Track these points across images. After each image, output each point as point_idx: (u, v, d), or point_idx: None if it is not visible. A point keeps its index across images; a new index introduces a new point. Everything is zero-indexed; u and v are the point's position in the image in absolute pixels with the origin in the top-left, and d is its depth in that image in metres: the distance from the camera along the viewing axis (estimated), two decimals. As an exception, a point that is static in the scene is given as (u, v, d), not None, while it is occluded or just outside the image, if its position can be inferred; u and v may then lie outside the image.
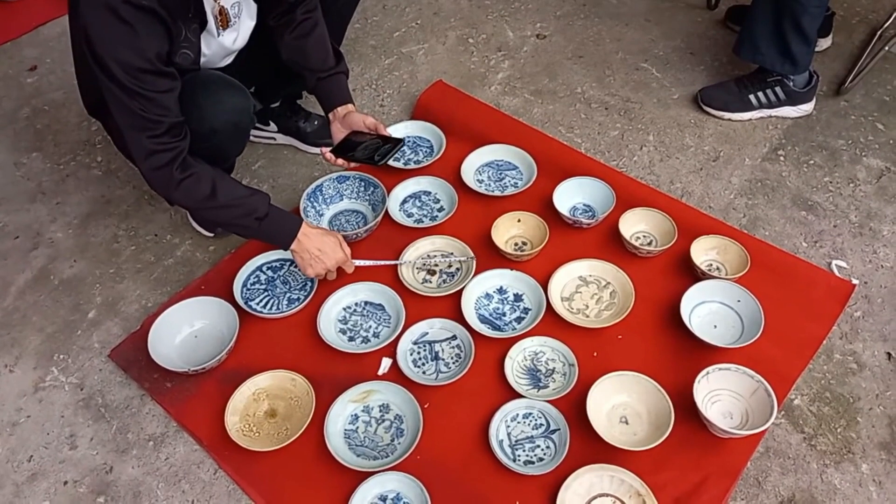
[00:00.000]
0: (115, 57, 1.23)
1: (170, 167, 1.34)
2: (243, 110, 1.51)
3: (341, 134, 1.64)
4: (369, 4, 2.45)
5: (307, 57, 1.59)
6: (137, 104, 1.28)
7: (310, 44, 1.59)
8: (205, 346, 1.50)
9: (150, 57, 1.26)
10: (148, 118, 1.29)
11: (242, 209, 1.41)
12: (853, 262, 1.64)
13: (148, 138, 1.31)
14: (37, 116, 2.10)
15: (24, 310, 1.63)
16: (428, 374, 1.45)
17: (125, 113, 1.30)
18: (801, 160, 1.88)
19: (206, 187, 1.37)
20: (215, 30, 1.44)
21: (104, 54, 1.24)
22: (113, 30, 1.22)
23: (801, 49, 1.85)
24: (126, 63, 1.24)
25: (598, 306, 1.55)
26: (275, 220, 1.45)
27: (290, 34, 1.57)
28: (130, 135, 1.33)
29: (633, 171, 1.87)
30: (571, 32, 2.33)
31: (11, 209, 1.85)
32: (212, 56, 1.50)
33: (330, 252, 1.50)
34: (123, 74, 1.25)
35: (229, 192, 1.41)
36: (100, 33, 1.23)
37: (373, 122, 1.60)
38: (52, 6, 2.44)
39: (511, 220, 1.70)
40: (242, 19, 1.51)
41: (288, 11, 1.56)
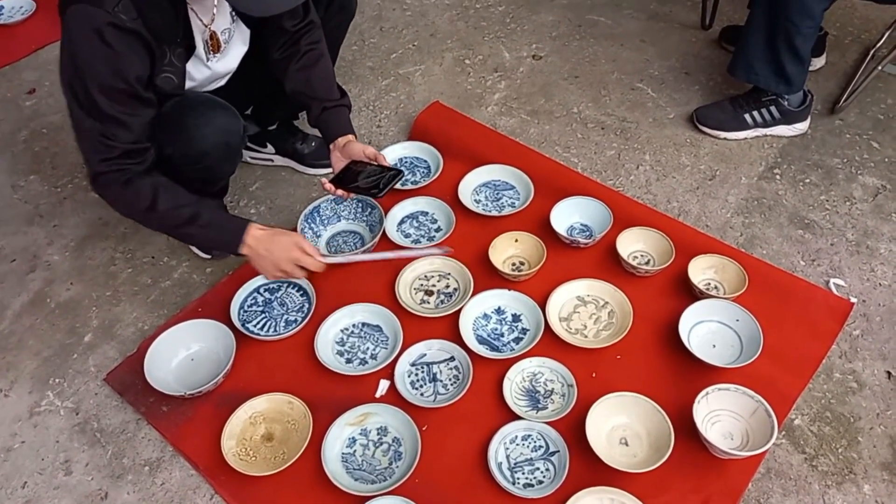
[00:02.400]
0: (94, 77, 1.24)
1: (115, 185, 1.34)
2: (233, 131, 1.50)
3: (341, 163, 1.64)
4: (367, 27, 2.47)
5: (312, 87, 1.60)
6: (99, 125, 1.28)
7: (315, 74, 1.60)
8: (201, 368, 1.49)
9: (128, 79, 1.27)
10: (105, 141, 1.30)
11: (182, 217, 1.39)
12: (851, 280, 1.64)
13: (101, 161, 1.32)
14: (35, 139, 2.11)
15: (21, 333, 1.63)
16: (426, 396, 1.44)
17: (84, 131, 1.31)
18: (797, 179, 1.89)
19: (147, 198, 1.36)
20: (204, 55, 1.45)
21: (83, 73, 1.25)
22: (95, 51, 1.23)
23: (795, 69, 1.87)
24: (103, 84, 1.25)
25: (597, 326, 1.55)
26: (218, 225, 1.43)
27: (294, 65, 1.58)
28: (84, 147, 1.34)
29: (630, 190, 1.88)
30: (567, 53, 2.35)
31: (8, 232, 1.85)
32: (201, 80, 1.51)
33: (280, 252, 1.43)
34: (98, 94, 1.25)
35: (169, 201, 1.38)
36: (82, 53, 1.24)
37: (373, 152, 1.60)
38: (51, 30, 2.46)
39: (508, 240, 1.70)
40: (233, 43, 1.52)
41: (293, 43, 1.58)
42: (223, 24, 1.47)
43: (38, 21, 2.53)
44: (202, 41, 1.43)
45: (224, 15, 1.47)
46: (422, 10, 2.56)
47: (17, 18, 2.53)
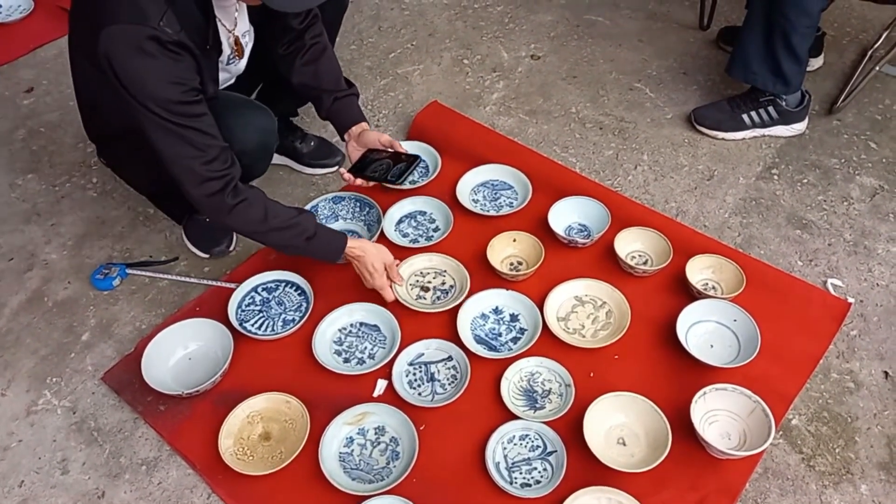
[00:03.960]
0: (151, 94, 1.24)
1: (222, 194, 1.34)
2: (270, 130, 1.55)
3: (357, 153, 1.66)
4: (365, 26, 2.47)
5: (320, 79, 1.61)
6: (186, 134, 1.29)
7: (322, 66, 1.61)
8: (199, 368, 1.49)
9: (184, 88, 1.27)
10: (196, 147, 1.30)
11: (294, 231, 1.43)
12: (848, 280, 1.64)
13: (201, 165, 1.32)
14: (32, 138, 2.10)
15: (18, 332, 1.62)
16: (424, 396, 1.44)
17: (173, 145, 1.30)
18: (795, 179, 1.89)
19: (259, 212, 1.39)
20: (226, 59, 1.47)
21: (140, 93, 1.24)
22: (143, 67, 1.22)
23: (793, 69, 1.87)
24: (163, 98, 1.25)
25: (595, 326, 1.55)
26: (322, 238, 1.48)
27: (300, 59, 1.59)
28: (181, 165, 1.32)
29: (628, 190, 1.88)
30: (565, 53, 2.35)
31: (6, 230, 1.84)
32: (221, 83, 1.53)
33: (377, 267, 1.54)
34: (163, 110, 1.26)
35: (280, 215, 1.42)
36: (131, 73, 1.23)
37: (388, 140, 1.62)
38: (49, 28, 2.46)
39: (506, 240, 1.70)
40: (250, 47, 1.55)
41: (297, 38, 1.58)
42: (244, 28, 1.49)
43: (36, 19, 2.52)
44: (228, 46, 1.45)
45: (244, 19, 1.49)
46: (420, 9, 2.56)
47: (15, 17, 2.52)
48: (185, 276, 1.70)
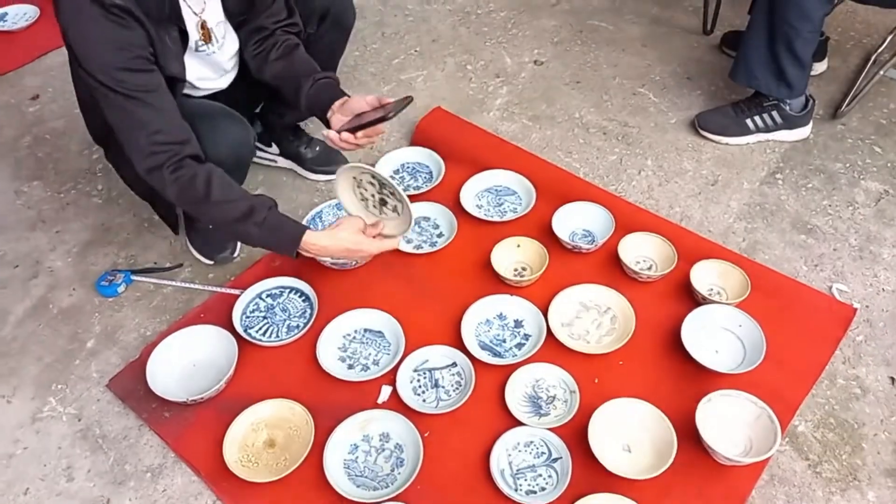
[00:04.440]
0: (95, 59, 1.26)
1: (161, 169, 1.33)
2: (245, 143, 1.52)
3: (344, 120, 1.50)
4: (368, 32, 2.48)
5: (295, 69, 1.55)
6: (129, 106, 1.29)
7: (295, 57, 1.57)
8: (203, 374, 1.49)
9: (129, 55, 1.27)
10: (141, 119, 1.30)
11: (238, 211, 1.37)
12: (854, 285, 1.64)
13: (145, 138, 1.31)
14: (38, 145, 2.11)
15: (23, 339, 1.63)
16: (428, 403, 1.44)
17: (120, 117, 1.31)
18: (800, 184, 1.88)
19: (201, 190, 1.35)
20: (195, 44, 1.45)
21: (85, 59, 1.26)
22: (90, 33, 1.24)
23: (797, 73, 1.87)
24: (107, 63, 1.26)
25: (599, 332, 1.54)
26: (275, 226, 1.40)
27: (273, 55, 1.56)
28: (126, 136, 1.33)
29: (632, 195, 1.88)
30: (569, 58, 2.35)
31: (11, 238, 1.85)
32: (208, 73, 1.52)
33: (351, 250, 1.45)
34: (108, 77, 1.26)
35: (229, 197, 1.37)
36: (78, 40, 1.26)
37: (374, 98, 1.49)
38: (54, 36, 2.43)
39: (511, 246, 1.70)
40: (229, 39, 1.54)
41: (269, 37, 1.57)
42: (214, 18, 1.47)
43: (41, 27, 2.54)
44: (195, 29, 1.44)
45: (215, 8, 1.47)
46: (423, 15, 2.56)
47: (21, 25, 2.54)
48: (190, 283, 1.70)
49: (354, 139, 1.46)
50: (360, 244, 1.45)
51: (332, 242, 1.43)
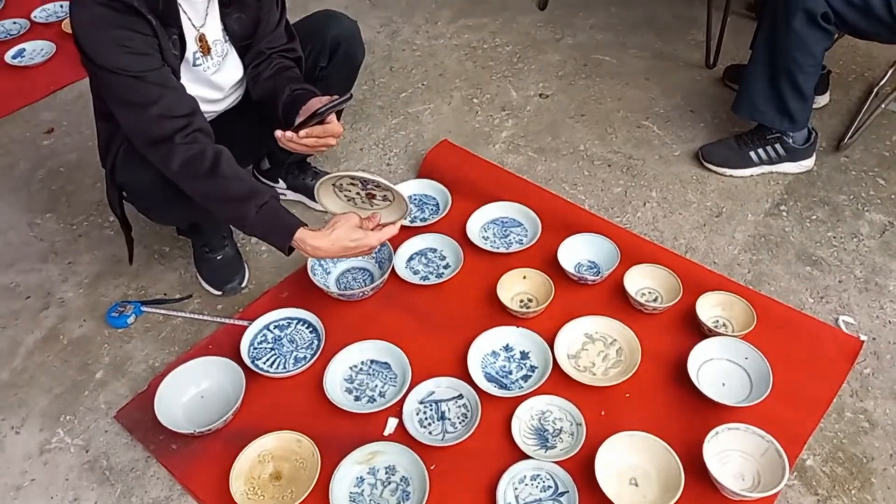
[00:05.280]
0: (103, 48, 1.31)
1: (173, 139, 1.35)
2: None
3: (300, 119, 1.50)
4: (377, 66, 2.53)
5: (279, 82, 1.56)
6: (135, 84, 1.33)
7: (284, 75, 1.58)
8: (211, 406, 1.50)
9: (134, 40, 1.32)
10: (146, 94, 1.34)
11: (242, 189, 1.37)
12: (860, 317, 1.63)
13: (152, 110, 1.34)
14: (51, 178, 2.15)
15: (33, 370, 1.64)
16: (434, 435, 1.44)
17: (124, 93, 1.35)
18: (804, 215, 1.89)
19: (208, 163, 1.36)
20: (192, 56, 1.48)
21: (94, 50, 1.31)
22: (96, 24, 1.30)
23: (799, 106, 1.89)
24: (112, 48, 1.31)
25: (605, 364, 1.54)
26: (273, 213, 1.38)
27: (263, 75, 1.60)
28: (131, 114, 1.37)
29: (637, 227, 1.89)
30: (573, 92, 2.38)
31: (24, 269, 1.88)
32: (205, 91, 1.54)
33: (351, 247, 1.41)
34: (112, 60, 1.32)
35: (233, 171, 1.38)
36: (86, 33, 1.31)
37: (328, 98, 1.47)
38: (70, 71, 2.53)
39: (517, 277, 1.71)
40: (229, 61, 1.57)
41: (265, 60, 1.61)
42: (214, 34, 1.51)
43: (57, 62, 2.60)
44: (193, 41, 1.47)
45: (215, 25, 1.51)
46: (431, 50, 2.61)
47: (37, 60, 2.60)
48: (199, 314, 1.72)
49: (297, 138, 1.46)
50: (358, 240, 1.41)
51: (329, 244, 1.39)
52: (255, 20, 1.55)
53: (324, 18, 1.71)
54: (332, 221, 1.42)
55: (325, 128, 1.46)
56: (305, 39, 1.66)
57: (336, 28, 1.69)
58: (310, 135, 1.46)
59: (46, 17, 2.83)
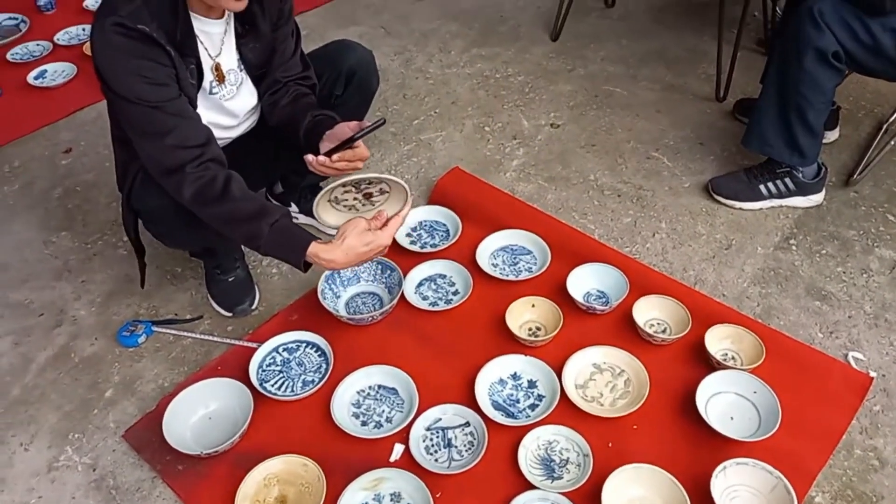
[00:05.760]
0: (122, 76, 1.34)
1: (185, 168, 1.38)
2: None
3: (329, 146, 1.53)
4: (390, 94, 2.56)
5: (298, 109, 1.60)
6: (152, 113, 1.36)
7: (302, 102, 1.62)
8: (219, 427, 1.50)
9: (153, 70, 1.35)
10: (163, 124, 1.37)
11: (254, 208, 1.40)
12: (870, 353, 1.63)
13: (167, 140, 1.37)
14: (68, 196, 2.18)
15: (44, 387, 1.65)
16: (440, 462, 1.44)
17: (140, 122, 1.38)
18: (814, 250, 1.90)
19: (219, 187, 1.39)
20: (209, 85, 1.52)
21: (113, 78, 1.35)
22: (116, 53, 1.33)
23: (809, 142, 1.90)
24: (132, 77, 1.34)
25: (613, 394, 1.54)
26: (286, 230, 1.41)
27: (284, 101, 1.63)
28: (147, 141, 1.40)
29: (646, 257, 1.90)
30: (584, 122, 2.41)
31: (38, 286, 1.90)
32: (219, 118, 1.58)
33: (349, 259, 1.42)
34: (131, 90, 1.35)
35: (243, 192, 1.42)
36: (106, 60, 1.34)
37: (356, 124, 1.52)
38: (89, 92, 2.58)
39: (525, 305, 1.72)
40: (244, 89, 1.60)
41: (281, 87, 1.64)
42: (229, 63, 1.55)
43: (78, 84, 2.65)
44: (209, 70, 1.51)
45: (230, 55, 1.54)
46: (444, 78, 2.65)
47: (58, 81, 2.65)
48: (209, 335, 1.73)
49: (330, 162, 1.49)
50: (371, 243, 1.41)
51: (342, 254, 1.40)
52: (269, 50, 1.59)
53: (340, 48, 1.74)
54: (341, 231, 1.43)
55: (355, 152, 1.50)
56: (322, 68, 1.70)
57: (352, 58, 1.72)
58: (341, 158, 1.50)
59: (69, 40, 2.89)
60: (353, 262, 1.43)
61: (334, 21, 3.00)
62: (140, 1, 1.32)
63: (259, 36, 1.55)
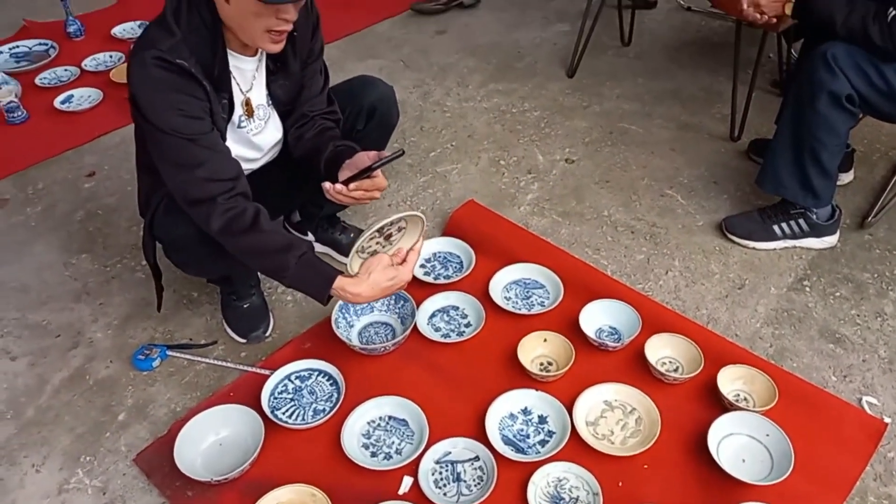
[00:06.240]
0: (159, 107, 1.38)
1: (215, 200, 1.41)
2: None
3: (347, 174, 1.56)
4: (408, 126, 2.61)
5: (322, 141, 1.63)
6: (186, 145, 1.39)
7: (326, 135, 1.66)
8: (229, 454, 1.51)
9: (189, 104, 1.39)
10: (195, 156, 1.40)
11: (281, 242, 1.44)
12: (884, 399, 1.61)
13: (198, 172, 1.40)
14: (89, 220, 2.22)
15: (58, 408, 1.67)
16: (449, 497, 1.43)
17: (173, 153, 1.41)
18: (828, 292, 1.89)
19: (249, 219, 1.42)
20: (238, 119, 1.55)
21: (149, 108, 1.38)
22: (154, 84, 1.36)
23: (823, 183, 1.91)
24: (168, 110, 1.37)
25: (624, 433, 1.54)
26: (312, 264, 1.45)
27: (309, 134, 1.67)
28: (178, 172, 1.43)
29: (659, 295, 1.90)
30: (599, 158, 2.43)
31: (56, 308, 1.93)
32: (245, 151, 1.61)
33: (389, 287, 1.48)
34: (167, 122, 1.38)
35: (272, 225, 1.46)
36: (143, 91, 1.38)
37: (374, 153, 1.56)
38: (114, 118, 2.64)
39: (537, 340, 1.72)
40: (271, 124, 1.64)
41: (308, 121, 1.68)
42: (258, 98, 1.59)
43: (104, 109, 2.71)
44: (240, 105, 1.55)
45: (260, 91, 1.59)
46: (461, 112, 2.69)
47: (84, 106, 2.72)
48: (222, 361, 1.74)
49: (347, 191, 1.52)
50: (394, 278, 1.48)
51: (368, 289, 1.46)
52: (298, 87, 1.64)
53: (363, 84, 1.79)
54: (366, 266, 1.49)
55: (373, 181, 1.54)
56: (344, 103, 1.74)
57: (374, 94, 1.76)
58: (359, 188, 1.53)
59: (96, 66, 2.97)
60: (376, 297, 1.49)
61: (355, 53, 3.06)
62: (180, 36, 1.37)
63: (289, 74, 1.60)
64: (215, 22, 1.40)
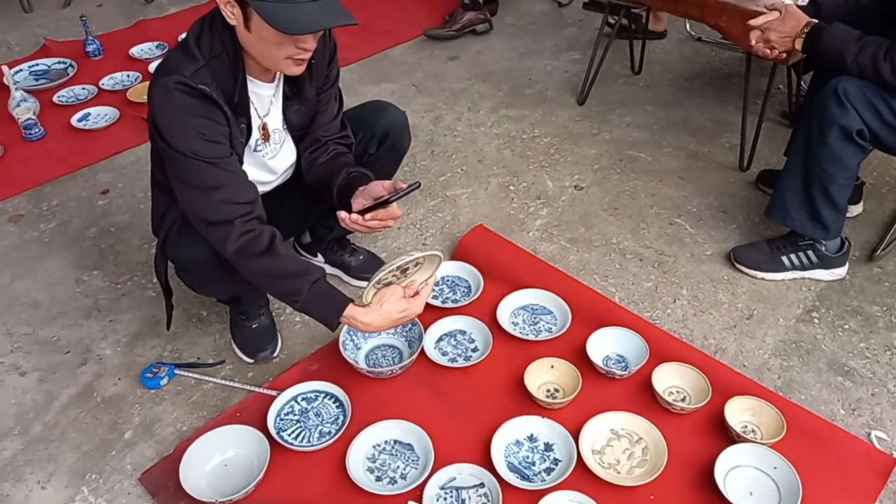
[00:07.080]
0: (179, 131, 1.40)
1: (233, 223, 1.42)
2: None
3: (362, 202, 1.59)
4: (419, 150, 2.63)
5: (334, 166, 1.66)
6: (205, 168, 1.41)
7: (339, 160, 1.68)
8: (234, 475, 1.51)
9: (209, 128, 1.41)
10: (214, 179, 1.42)
11: (296, 266, 1.46)
12: (893, 434, 1.60)
13: (217, 195, 1.42)
14: (102, 237, 2.25)
15: (65, 425, 1.68)
16: (454, 523, 1.43)
17: (193, 176, 1.43)
18: (836, 324, 1.89)
19: (265, 243, 1.44)
20: (254, 143, 1.58)
21: (170, 131, 1.40)
22: (176, 108, 1.39)
23: (832, 216, 1.91)
24: (189, 134, 1.40)
25: (630, 462, 1.53)
26: (324, 290, 1.47)
27: (322, 159, 1.69)
28: (196, 195, 1.44)
29: (667, 323, 1.90)
30: (608, 185, 2.45)
31: (66, 324, 1.94)
32: (259, 174, 1.63)
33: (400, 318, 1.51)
34: (187, 145, 1.40)
35: (287, 250, 1.48)
36: (164, 114, 1.40)
37: (390, 183, 1.58)
38: (130, 136, 2.68)
39: (544, 366, 1.72)
40: (285, 147, 1.67)
41: (322, 146, 1.71)
42: (274, 123, 1.62)
43: (120, 127, 2.75)
44: (257, 128, 1.58)
45: (276, 115, 1.62)
46: (471, 137, 2.72)
47: (101, 124, 2.76)
48: (230, 380, 1.75)
49: (363, 221, 1.54)
50: (405, 310, 1.51)
51: (379, 318, 1.49)
52: (312, 112, 1.67)
53: (375, 109, 1.81)
54: (379, 297, 1.51)
55: (388, 211, 1.56)
56: (357, 127, 1.77)
57: (386, 119, 1.79)
58: (373, 218, 1.56)
59: (113, 85, 3.02)
60: (386, 327, 1.52)
61: (369, 77, 3.10)
62: (203, 62, 1.40)
63: (305, 100, 1.63)
64: (236, 49, 1.43)
